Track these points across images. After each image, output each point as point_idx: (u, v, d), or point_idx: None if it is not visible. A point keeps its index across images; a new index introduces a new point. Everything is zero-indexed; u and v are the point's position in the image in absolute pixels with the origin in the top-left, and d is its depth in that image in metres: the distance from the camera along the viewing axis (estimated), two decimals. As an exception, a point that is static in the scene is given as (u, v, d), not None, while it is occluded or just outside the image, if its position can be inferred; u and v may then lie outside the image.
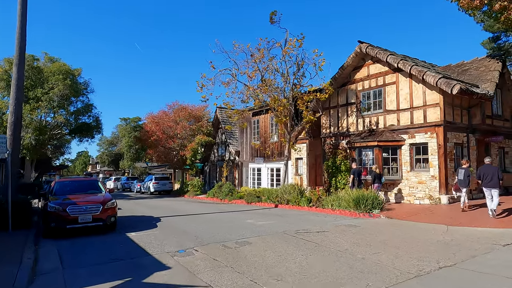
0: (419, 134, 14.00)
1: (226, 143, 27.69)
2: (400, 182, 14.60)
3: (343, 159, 17.01)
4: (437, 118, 13.33)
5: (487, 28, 19.94)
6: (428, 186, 13.58)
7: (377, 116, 15.74)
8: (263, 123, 23.59)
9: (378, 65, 15.78)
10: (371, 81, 16.10)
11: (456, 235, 8.24)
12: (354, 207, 11.99)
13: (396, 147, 14.75)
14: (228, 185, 21.17)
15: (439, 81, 12.75)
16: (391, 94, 15.13)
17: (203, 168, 32.14)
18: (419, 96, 14.03)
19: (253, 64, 15.18)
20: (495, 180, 10.13)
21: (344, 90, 17.32)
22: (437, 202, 13.12)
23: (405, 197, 14.31)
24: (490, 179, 10.18)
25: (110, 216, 9.68)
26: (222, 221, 11.56)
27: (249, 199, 17.87)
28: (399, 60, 14.23)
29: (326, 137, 18.36)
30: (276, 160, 22.04)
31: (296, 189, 15.81)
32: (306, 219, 11.45)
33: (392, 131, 14.98)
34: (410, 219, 10.68)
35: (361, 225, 9.81)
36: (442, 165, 13.18)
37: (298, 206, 14.57)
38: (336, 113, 17.82)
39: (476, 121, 14.30)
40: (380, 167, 14.84)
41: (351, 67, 16.81)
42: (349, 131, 17.07)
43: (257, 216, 12.64)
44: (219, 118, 28.16)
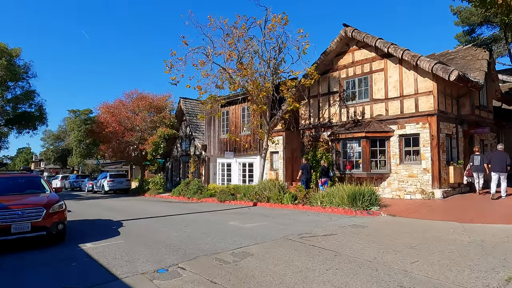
0: (409, 124, 13.09)
1: (191, 136, 25.47)
2: (388, 176, 13.64)
3: (325, 152, 15.79)
4: (430, 107, 12.48)
5: (463, 20, 19.93)
6: (420, 180, 12.72)
7: (362, 106, 14.66)
8: (233, 115, 21.77)
9: (364, 50, 14.69)
10: (356, 68, 14.99)
11: (481, 234, 7.18)
12: (350, 204, 10.68)
13: (384, 139, 13.76)
14: (196, 182, 19.13)
15: (435, 66, 11.86)
16: (379, 82, 14.10)
17: (165, 164, 29.57)
18: (410, 83, 13.11)
19: (231, 44, 13.29)
20: (503, 165, 11.03)
21: (326, 78, 16.07)
22: (430, 196, 12.28)
23: (394, 192, 13.37)
24: (498, 164, 11.11)
25: (57, 223, 7.39)
26: (201, 224, 9.66)
27: (222, 197, 16.03)
28: (389, 44, 13.20)
29: (305, 129, 17.04)
30: (248, 155, 20.37)
31: (277, 185, 14.27)
32: (298, 219, 9.92)
33: (380, 121, 13.97)
34: (414, 216, 9.59)
35: (367, 225, 8.47)
36: (436, 157, 12.36)
37: (281, 204, 13.04)
38: (317, 103, 16.54)
39: (465, 111, 13.73)
40: (368, 159, 13.78)
41: (334, 53, 15.59)
42: (331, 122, 15.87)
43: (240, 217, 10.89)
44: (183, 109, 25.85)
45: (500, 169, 11.01)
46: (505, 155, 11.20)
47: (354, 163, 14.43)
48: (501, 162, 11.00)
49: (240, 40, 13.36)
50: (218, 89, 14.22)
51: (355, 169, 14.29)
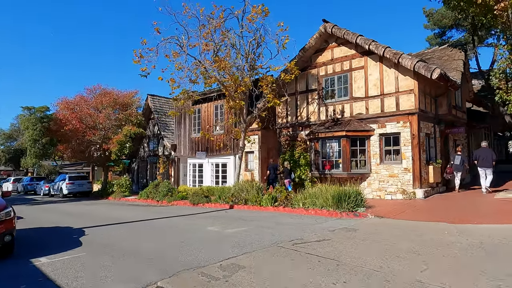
0: (390, 123, 12.86)
1: (160, 136, 24.11)
2: (368, 176, 13.34)
3: (303, 152, 15.28)
4: (411, 106, 12.31)
5: (435, 22, 20.36)
6: (401, 180, 12.51)
7: (342, 104, 14.30)
8: (205, 113, 20.76)
9: (343, 48, 14.34)
10: (335, 66, 14.61)
11: (476, 235, 6.86)
12: (335, 206, 10.16)
13: (365, 138, 13.46)
14: (166, 184, 17.92)
15: (417, 64, 11.68)
16: (359, 80, 13.80)
17: (130, 165, 27.86)
18: (391, 82, 12.89)
19: (207, 35, 12.36)
20: (489, 161, 11.77)
21: (304, 75, 15.58)
22: (412, 196, 12.09)
23: (375, 192, 13.08)
24: (485, 160, 11.81)
25: (4, 234, 6.15)
26: (176, 230, 8.68)
27: (195, 199, 15.01)
28: (370, 41, 12.91)
29: (282, 128, 16.45)
30: (222, 155, 19.46)
31: (255, 186, 13.53)
32: (281, 222, 9.23)
33: (360, 120, 13.67)
34: (401, 217, 9.23)
35: (358, 228, 7.94)
36: (416, 156, 12.20)
37: (260, 207, 12.30)
38: (295, 101, 16.01)
39: (443, 111, 13.76)
40: (348, 159, 13.41)
41: (312, 49, 15.14)
42: (309, 121, 15.39)
43: (218, 221, 10.00)
44: (151, 107, 24.44)
45: (486, 165, 11.78)
46: (491, 151, 12.08)
47: (333, 163, 14.02)
48: (487, 158, 11.76)
49: (217, 32, 12.50)
50: (192, 84, 13.22)
51: (335, 169, 13.88)
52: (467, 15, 17.18)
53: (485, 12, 11.70)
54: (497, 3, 10.77)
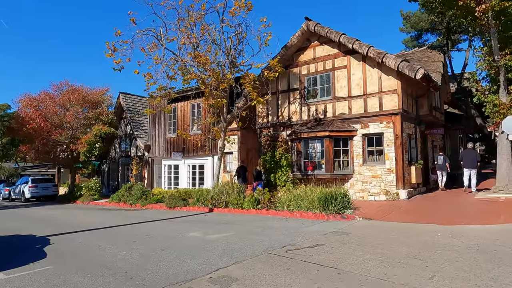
0: (373, 123, 12.73)
1: (133, 136, 22.96)
2: (351, 176, 13.14)
3: (284, 153, 14.90)
4: (394, 106, 12.22)
5: (412, 25, 20.72)
6: (384, 181, 12.39)
7: (324, 104, 14.05)
8: (181, 112, 19.95)
9: (326, 46, 14.11)
10: (317, 65, 14.35)
11: (470, 237, 6.70)
12: (321, 208, 9.80)
13: (347, 138, 13.26)
14: (140, 186, 16.95)
15: (401, 64, 11.60)
16: (342, 80, 13.60)
17: (100, 167, 26.40)
18: (374, 82, 12.77)
19: (186, 29, 11.67)
20: (473, 162, 12.37)
21: (285, 74, 15.20)
22: (395, 197, 11.98)
23: (358, 194, 12.89)
24: (470, 161, 12.39)
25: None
26: (155, 237, 7.96)
27: (172, 203, 14.21)
28: (354, 40, 12.74)
29: (263, 128, 16.00)
30: (199, 155, 18.74)
31: (236, 188, 12.96)
32: (267, 226, 8.73)
33: (343, 120, 13.46)
34: (389, 219, 9.00)
35: (350, 232, 7.58)
36: (400, 157, 12.12)
37: (241, 210, 11.76)
38: (276, 101, 15.61)
39: (423, 112, 13.84)
40: (331, 160, 13.15)
41: (294, 48, 14.81)
42: (291, 121, 15.03)
43: (199, 226, 9.35)
44: (123, 105, 23.25)
45: (471, 166, 12.35)
46: (475, 152, 12.74)
47: (316, 164, 13.72)
48: (472, 159, 12.36)
49: (197, 25, 11.83)
50: (169, 80, 12.47)
51: (318, 170, 13.58)
52: (443, 19, 17.58)
53: (465, 14, 11.83)
54: (478, 5, 10.89)
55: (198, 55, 11.27)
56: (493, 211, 9.34)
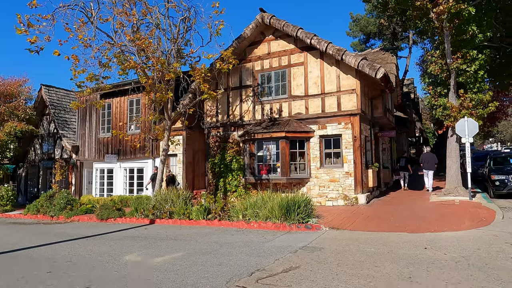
0: (331, 124, 12.07)
1: (57, 135, 19.84)
2: (308, 180, 12.33)
3: (235, 155, 13.65)
4: (353, 106, 11.67)
5: (361, 28, 20.91)
6: (342, 185, 11.76)
7: (280, 103, 13.09)
8: (117, 109, 17.62)
9: (282, 41, 13.19)
10: (272, 61, 13.36)
11: (449, 248, 6.15)
12: (282, 217, 8.71)
13: (304, 140, 12.45)
14: (64, 194, 14.33)
15: (361, 62, 11.07)
16: (298, 77, 12.77)
17: (16, 172, 22.51)
18: (332, 80, 12.13)
19: (123, 11, 9.80)
20: (432, 164, 13.55)
21: (237, 69, 13.98)
22: (354, 202, 11.40)
23: (315, 199, 12.08)
24: (428, 163, 13.51)
25: None
26: (77, 264, 6.10)
27: (104, 213, 12.05)
28: (312, 36, 11.97)
29: (211, 128, 14.55)
30: (137, 158, 16.64)
31: (182, 195, 11.35)
32: (224, 242, 7.38)
33: (299, 120, 12.62)
34: (357, 227, 8.22)
35: (322, 246, 6.56)
36: (358, 159, 11.58)
37: (189, 221, 10.20)
38: (226, 98, 14.28)
39: (378, 113, 13.59)
40: (287, 163, 12.20)
41: (247, 41, 13.65)
42: (243, 121, 13.82)
43: (139, 244, 7.63)
44: (46, 99, 20.00)
45: (429, 167, 13.50)
46: (433, 156, 13.80)
47: (271, 167, 12.68)
48: (431, 161, 13.46)
49: (138, 5, 10.03)
50: (102, 68, 10.45)
51: (273, 174, 12.55)
52: (390, 24, 17.86)
53: (421, 16, 11.75)
54: (435, 6, 10.79)
55: (138, 38, 9.47)
56: (454, 215, 9.10)
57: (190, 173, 15.86)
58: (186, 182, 15.33)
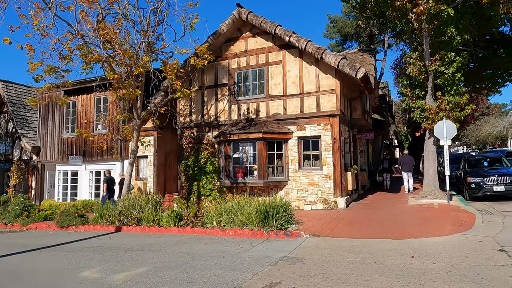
0: (310, 125, 11.65)
1: (16, 135, 18.31)
2: (286, 184, 11.84)
3: (210, 157, 12.96)
4: (332, 107, 11.31)
5: (338, 30, 20.80)
6: (321, 188, 11.35)
7: (257, 103, 12.55)
8: (83, 107, 16.47)
9: (259, 39, 12.66)
10: (249, 58, 12.80)
11: (435, 255, 5.83)
12: (260, 224, 8.14)
13: (282, 141, 11.96)
14: (20, 199, 13.05)
15: (341, 62, 10.72)
16: (276, 76, 12.28)
17: (-31, 174, 20.61)
18: (311, 80, 11.72)
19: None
20: (410, 166, 14.00)
21: (212, 67, 13.32)
22: (333, 206, 11.01)
23: (294, 203, 11.57)
24: (407, 165, 13.95)
25: None
26: (25, 282, 5.24)
27: (65, 220, 11.00)
28: (291, 33, 11.52)
29: (185, 128, 13.79)
30: (105, 160, 15.58)
31: (151, 200, 10.53)
32: (197, 253, 6.72)
33: (277, 121, 12.12)
34: (338, 234, 7.80)
35: (304, 257, 6.04)
36: (338, 162, 11.22)
37: (159, 228, 9.42)
38: (201, 97, 13.57)
39: (356, 115, 13.33)
40: (265, 165, 11.67)
41: (223, 37, 13.02)
42: (218, 121, 13.16)
43: (100, 257, 6.81)
44: (4, 96, 18.45)
45: (408, 169, 13.94)
46: (411, 158, 14.14)
47: (247, 170, 12.09)
48: (409, 164, 13.89)
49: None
50: (63, 62, 9.48)
51: (249, 177, 11.96)
52: (367, 26, 17.82)
53: (400, 16, 11.60)
54: (415, 7, 10.64)
55: (103, 28, 8.61)
56: (435, 219, 8.89)
57: (162, 176, 15.00)
58: (157, 186, 14.46)
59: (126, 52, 8.90)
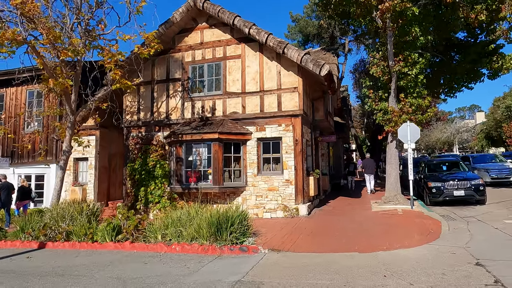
0: (271, 126, 10.74)
1: None
2: (244, 189, 10.81)
3: (159, 160, 11.61)
4: (295, 107, 10.48)
5: (300, 29, 20.24)
6: (281, 194, 10.45)
7: (213, 100, 11.42)
8: (12, 101, 14.32)
9: (216, 30, 11.56)
10: (205, 51, 11.65)
11: (412, 273, 5.07)
12: (212, 238, 7.00)
13: (240, 143, 10.93)
14: None
15: (304, 57, 9.93)
16: (235, 72, 11.25)
17: None
18: (272, 77, 10.82)
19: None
20: (372, 169, 15.03)
21: (164, 60, 12.01)
22: (294, 214, 10.15)
23: (252, 210, 10.60)
24: (369, 168, 14.87)
25: None
26: None
27: (-24, 235, 9.06)
28: (251, 25, 10.55)
29: (132, 127, 12.29)
30: (36, 162, 13.55)
31: (86, 210, 8.98)
32: (131, 277, 5.44)
33: (235, 120, 11.08)
34: (299, 248, 6.87)
35: (263, 281, 5.01)
36: (300, 166, 10.39)
37: (92, 243, 7.93)
38: (151, 93, 12.17)
39: (319, 116, 12.65)
40: (220, 169, 10.55)
41: (177, 27, 11.77)
42: (170, 119, 11.84)
43: (5, 285, 5.28)
44: None
45: (370, 172, 14.92)
46: (373, 161, 15.35)
47: (201, 174, 10.89)
48: (371, 167, 14.88)
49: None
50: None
51: (203, 182, 10.77)
52: (329, 27, 17.40)
53: (364, 14, 11.10)
54: (381, 3, 10.15)
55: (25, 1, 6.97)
56: (401, 227, 8.33)
57: (105, 181, 13.32)
58: (99, 192, 12.77)
59: (50, 31, 7.34)
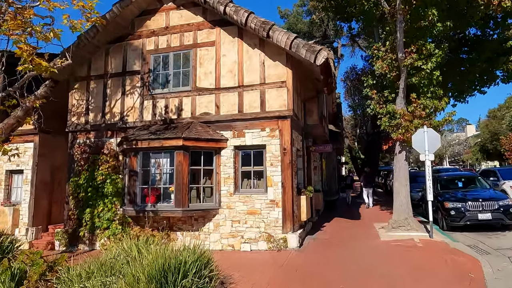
0: (252, 130, 8.38)
1: None
2: (216, 212, 8.34)
3: (111, 173, 9.08)
4: (282, 106, 8.17)
5: (290, 25, 18.15)
6: (265, 219, 8.02)
7: (180, 98, 9.02)
8: None
9: (185, 12, 9.26)
10: (171, 38, 9.31)
11: None
12: (153, 296, 4.50)
13: (212, 152, 8.51)
14: None
15: (295, 41, 7.71)
16: (207, 62, 8.91)
17: None
18: (254, 68, 8.52)
19: None
20: (371, 183, 14.99)
21: (119, 48, 9.63)
22: (281, 246, 7.71)
23: (226, 240, 8.14)
24: (368, 182, 14.76)
25: None
26: None
27: None
28: (227, 2, 8.29)
29: (78, 132, 9.76)
30: (-40, 175, 10.78)
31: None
32: None
33: (207, 123, 8.69)
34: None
35: None
36: (289, 182, 8.01)
37: (-15, 296, 5.31)
38: (102, 89, 9.71)
39: (312, 120, 10.36)
40: (186, 185, 8.08)
41: (136, 8, 9.43)
42: (126, 122, 9.37)
43: None
44: None
45: (370, 186, 14.80)
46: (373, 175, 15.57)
47: (161, 193, 8.39)
48: (370, 181, 14.79)
49: None
50: None
51: (164, 203, 8.28)
52: (321, 24, 15.39)
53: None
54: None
55: None
56: (428, 270, 5.97)
57: (45, 198, 10.65)
58: (35, 215, 10.09)
59: None
